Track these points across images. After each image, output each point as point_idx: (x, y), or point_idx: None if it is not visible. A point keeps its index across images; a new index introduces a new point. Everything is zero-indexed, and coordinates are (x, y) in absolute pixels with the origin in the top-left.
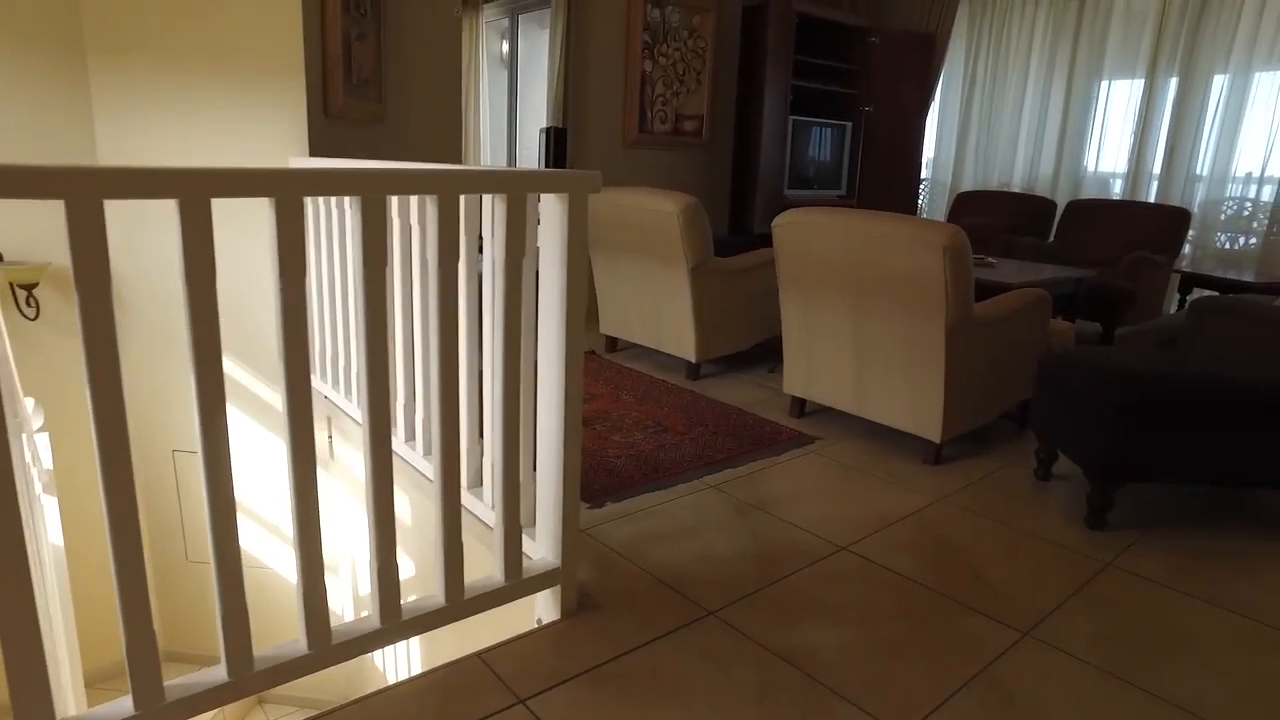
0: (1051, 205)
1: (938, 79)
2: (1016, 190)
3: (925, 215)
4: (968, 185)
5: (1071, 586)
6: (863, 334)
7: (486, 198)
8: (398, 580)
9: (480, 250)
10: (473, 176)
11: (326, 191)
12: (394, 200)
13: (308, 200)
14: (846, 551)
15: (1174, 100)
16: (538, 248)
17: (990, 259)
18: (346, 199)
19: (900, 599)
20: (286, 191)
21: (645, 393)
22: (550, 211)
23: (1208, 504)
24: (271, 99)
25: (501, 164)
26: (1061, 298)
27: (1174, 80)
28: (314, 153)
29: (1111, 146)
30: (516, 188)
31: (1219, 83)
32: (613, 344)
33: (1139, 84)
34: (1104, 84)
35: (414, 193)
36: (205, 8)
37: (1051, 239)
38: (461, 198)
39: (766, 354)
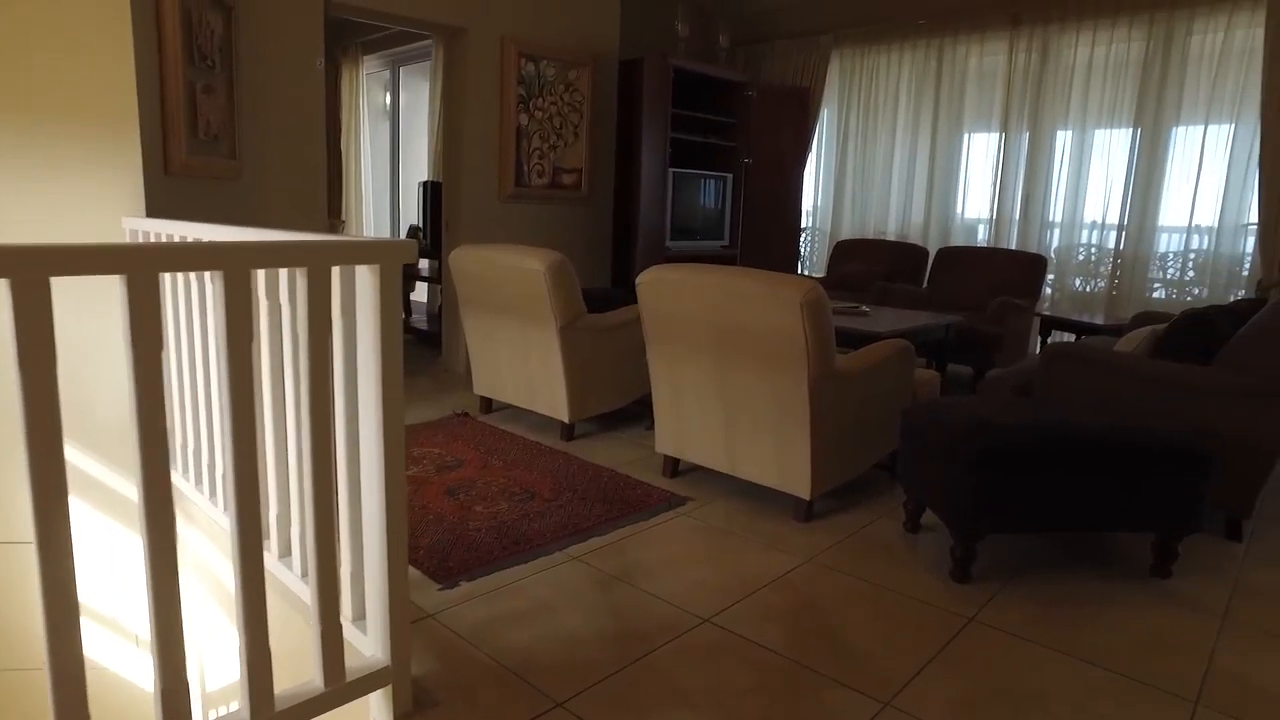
0: (924, 252)
1: (814, 131)
2: (891, 238)
3: (807, 263)
4: (846, 234)
5: (934, 647)
6: (729, 391)
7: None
8: (187, 701)
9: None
10: (267, 249)
11: (78, 271)
12: None
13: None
14: (709, 624)
15: (1026, 152)
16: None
17: (864, 307)
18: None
19: (760, 674)
20: (25, 273)
21: (516, 456)
22: (362, 284)
23: (1065, 549)
24: (103, 155)
25: (385, 217)
26: (933, 343)
27: (1025, 135)
28: (152, 213)
29: (976, 195)
30: (319, 260)
31: (1062, 137)
32: (488, 405)
33: (995, 137)
34: (966, 137)
35: (193, 269)
36: (21, 54)
37: (925, 285)
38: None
39: (645, 411)
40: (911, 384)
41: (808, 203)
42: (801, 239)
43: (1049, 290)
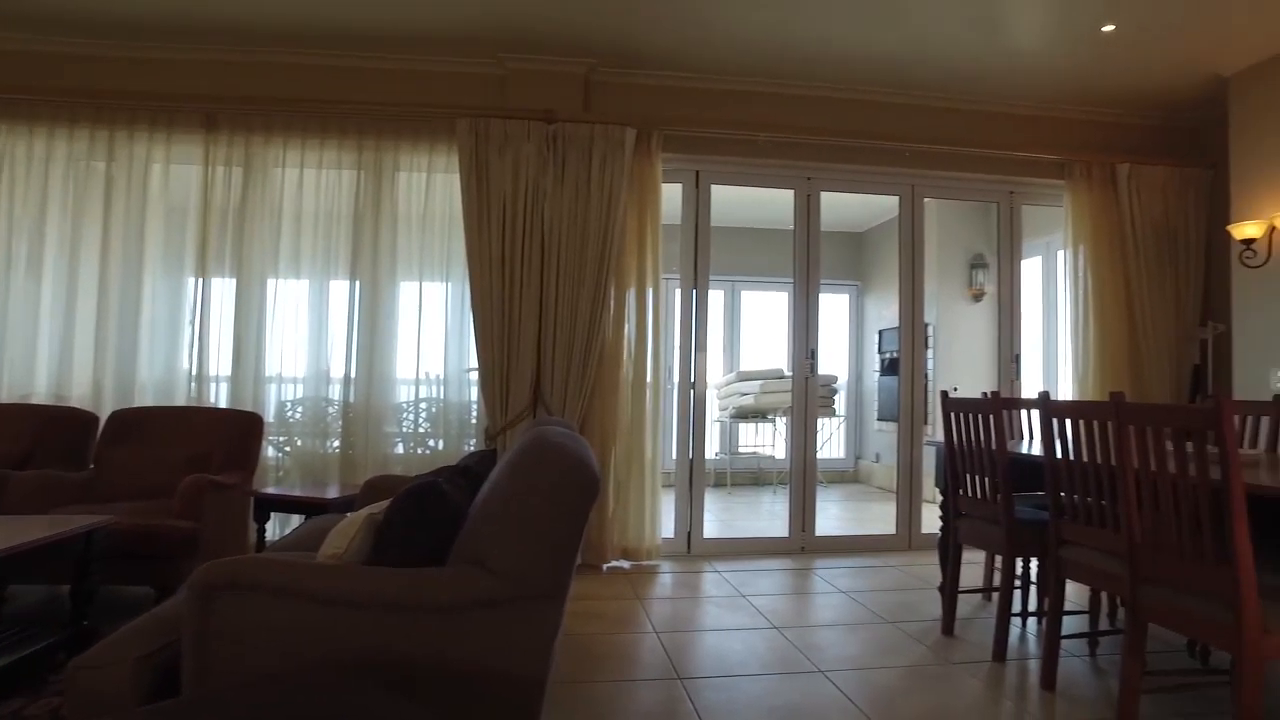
0: (92, 420)
1: None
2: (42, 401)
3: None
4: None
5: None
6: None
7: None
8: None
9: None
10: None
11: None
12: None
13: None
14: None
15: (235, 299)
16: None
17: None
18: None
19: None
20: None
21: None
22: None
23: None
24: None
25: None
26: (70, 560)
27: (233, 280)
28: None
29: (172, 346)
30: None
31: (273, 285)
32: None
33: (194, 282)
34: (150, 281)
35: None
36: None
37: (91, 466)
38: None
39: None
40: None
41: None
42: None
43: (276, 456)
